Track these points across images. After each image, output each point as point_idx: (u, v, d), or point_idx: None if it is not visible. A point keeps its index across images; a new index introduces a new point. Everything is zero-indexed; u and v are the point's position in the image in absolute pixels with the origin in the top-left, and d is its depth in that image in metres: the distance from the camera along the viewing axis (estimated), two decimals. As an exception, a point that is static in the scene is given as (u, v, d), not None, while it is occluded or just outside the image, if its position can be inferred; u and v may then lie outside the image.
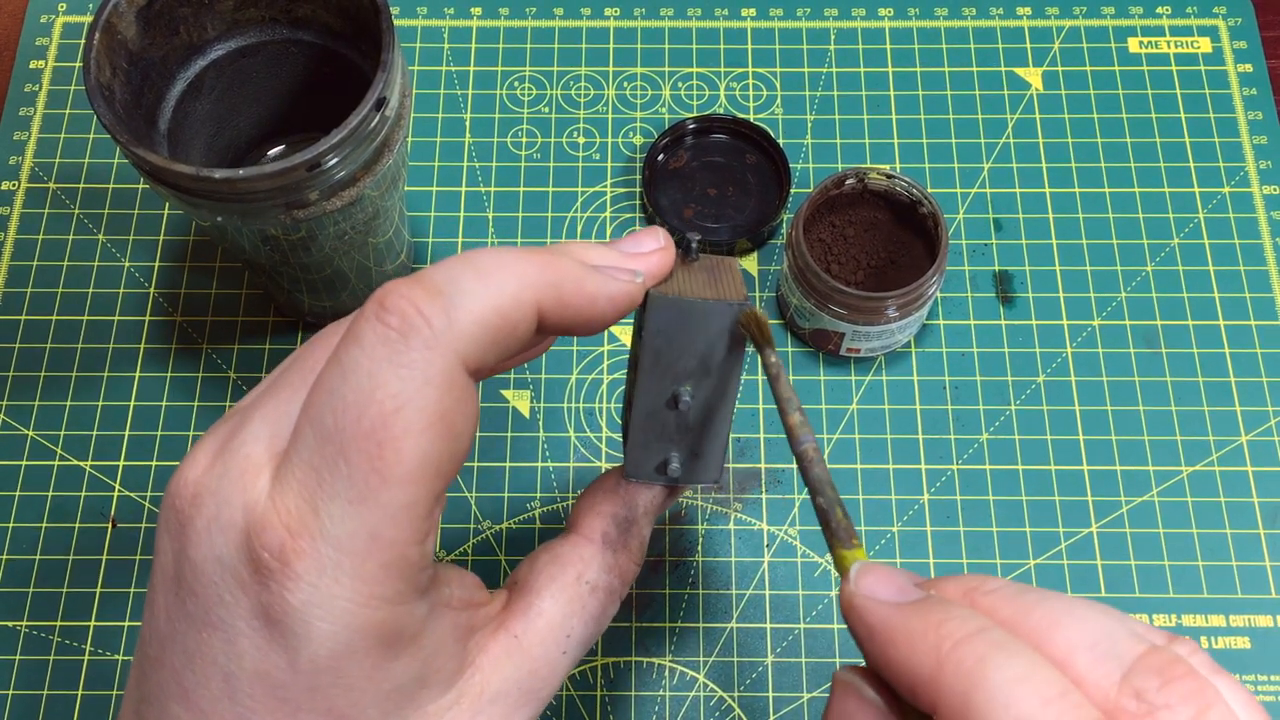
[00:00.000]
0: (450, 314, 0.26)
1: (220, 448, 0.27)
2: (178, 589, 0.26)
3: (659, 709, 0.44)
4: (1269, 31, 0.58)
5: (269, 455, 0.26)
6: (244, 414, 0.27)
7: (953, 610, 0.23)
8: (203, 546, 0.25)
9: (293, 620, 0.24)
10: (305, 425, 0.25)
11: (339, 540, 0.24)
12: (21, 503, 0.48)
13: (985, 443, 0.49)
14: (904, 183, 0.48)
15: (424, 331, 0.25)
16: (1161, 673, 0.22)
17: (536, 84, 0.56)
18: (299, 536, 0.24)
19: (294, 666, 0.25)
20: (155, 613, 0.27)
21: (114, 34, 0.40)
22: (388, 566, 0.25)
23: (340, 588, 0.25)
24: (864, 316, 0.47)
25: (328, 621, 0.25)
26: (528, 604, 0.30)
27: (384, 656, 0.26)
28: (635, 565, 0.33)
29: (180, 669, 0.26)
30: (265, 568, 0.24)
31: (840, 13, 0.58)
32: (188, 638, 0.26)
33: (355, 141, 0.38)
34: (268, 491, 0.25)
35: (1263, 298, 0.51)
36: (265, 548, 0.24)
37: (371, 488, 0.25)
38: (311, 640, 0.25)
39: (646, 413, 0.32)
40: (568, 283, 0.28)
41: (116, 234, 0.53)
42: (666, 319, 0.31)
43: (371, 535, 0.25)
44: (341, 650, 0.25)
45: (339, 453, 0.25)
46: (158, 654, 0.26)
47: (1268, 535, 0.47)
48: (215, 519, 0.25)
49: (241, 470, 0.26)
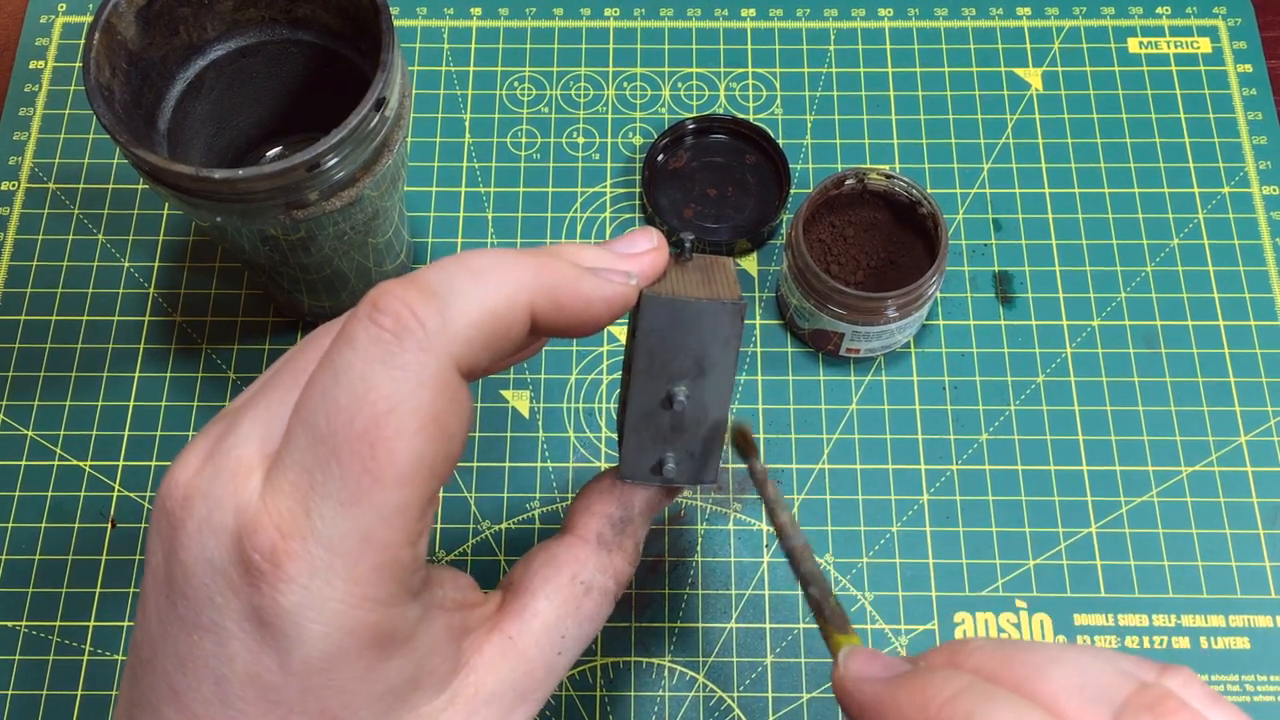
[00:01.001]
0: (444, 315, 0.26)
1: (211, 450, 0.27)
2: (169, 591, 0.26)
3: (658, 709, 0.44)
4: (1269, 31, 0.58)
5: (260, 457, 0.26)
6: (234, 416, 0.27)
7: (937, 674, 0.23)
8: (193, 549, 0.25)
9: (284, 622, 0.24)
10: (297, 426, 0.25)
11: (331, 541, 0.24)
12: (21, 503, 0.48)
13: (985, 443, 0.49)
14: (904, 183, 0.48)
15: (417, 333, 0.25)
16: (1152, 709, 0.22)
17: (536, 84, 0.56)
18: (290, 538, 0.24)
19: (286, 668, 0.25)
20: (146, 615, 0.27)
21: (114, 34, 0.40)
22: (380, 568, 0.25)
23: (332, 589, 0.24)
24: (864, 317, 0.47)
25: (320, 623, 0.24)
26: (522, 605, 0.30)
27: (377, 658, 0.26)
28: (630, 566, 0.33)
29: (172, 672, 0.26)
30: (256, 569, 0.24)
31: (840, 13, 0.58)
32: (179, 640, 0.25)
33: (355, 141, 0.38)
34: (259, 493, 0.25)
35: (1262, 298, 0.51)
36: (256, 549, 0.24)
37: (364, 489, 0.24)
38: (303, 642, 0.25)
39: (641, 413, 0.32)
40: (562, 285, 0.28)
41: (116, 234, 0.53)
42: (660, 318, 0.31)
43: (364, 537, 0.25)
44: (334, 652, 0.25)
45: (331, 454, 0.24)
46: (149, 657, 0.26)
47: (1267, 535, 0.47)
48: (206, 521, 0.25)
49: (232, 472, 0.26)
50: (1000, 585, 0.46)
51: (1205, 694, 0.23)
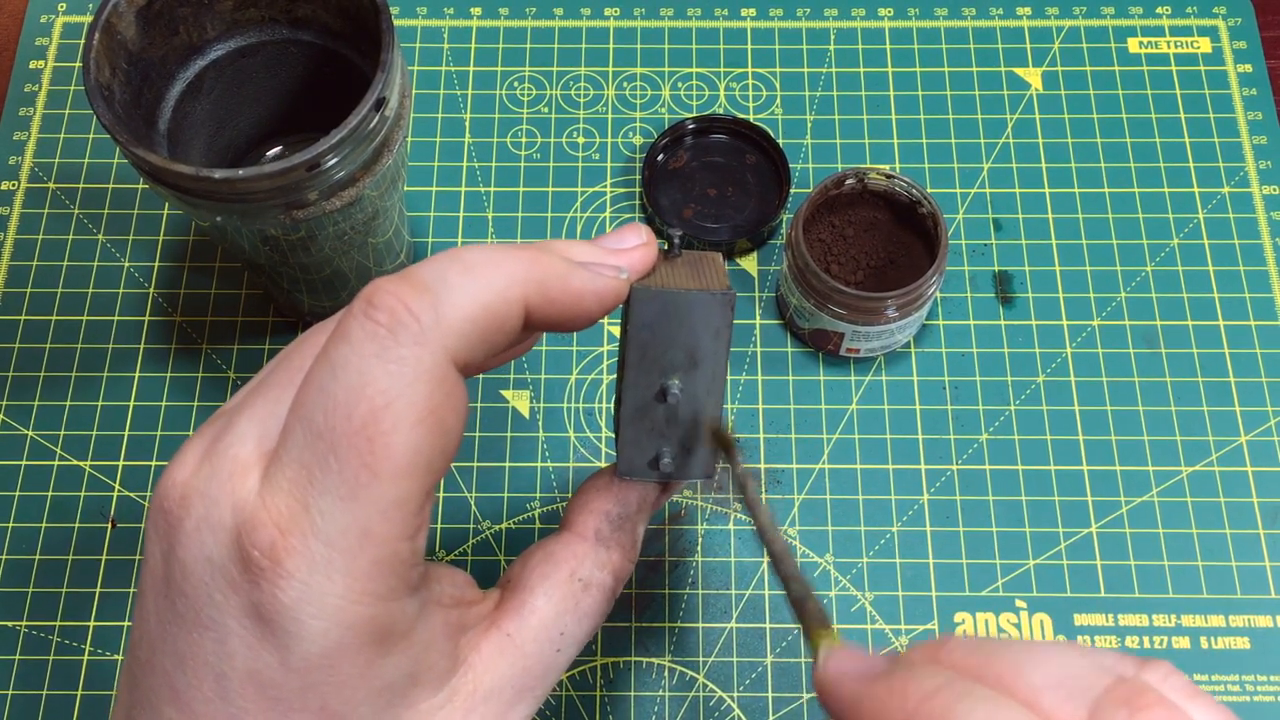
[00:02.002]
0: (438, 310, 0.26)
1: (207, 449, 0.27)
2: (167, 590, 0.26)
3: (658, 709, 0.44)
4: (1269, 31, 0.58)
5: (257, 455, 0.26)
6: (230, 415, 0.27)
7: (917, 671, 0.23)
8: (192, 547, 0.25)
9: (284, 618, 0.24)
10: (295, 423, 0.25)
11: (330, 537, 0.24)
12: (21, 503, 0.48)
13: (985, 443, 0.49)
14: (904, 183, 0.48)
15: (412, 327, 0.25)
16: (1129, 703, 0.22)
17: (536, 84, 0.56)
18: (290, 534, 0.24)
19: (286, 665, 0.25)
20: (145, 615, 0.27)
21: (114, 34, 0.40)
22: (379, 563, 0.25)
23: (332, 584, 0.25)
24: (864, 316, 0.47)
25: (320, 619, 0.25)
26: (520, 601, 0.30)
27: (376, 653, 0.26)
28: (629, 562, 0.33)
29: (171, 671, 0.26)
30: (256, 566, 0.24)
31: (840, 13, 0.58)
32: (178, 639, 0.26)
33: (355, 141, 0.38)
34: (257, 490, 0.25)
35: (1263, 298, 0.51)
36: (256, 546, 0.24)
37: (363, 484, 0.25)
38: (303, 638, 0.25)
39: (636, 408, 0.32)
40: (553, 279, 0.28)
41: (116, 234, 0.53)
42: (651, 311, 0.31)
43: (363, 531, 0.25)
44: (333, 648, 0.25)
45: (330, 449, 0.25)
46: (148, 656, 0.26)
47: (1267, 535, 0.47)
48: (204, 519, 0.25)
49: (230, 471, 0.26)
50: (1000, 585, 0.46)
51: (1185, 687, 0.23)
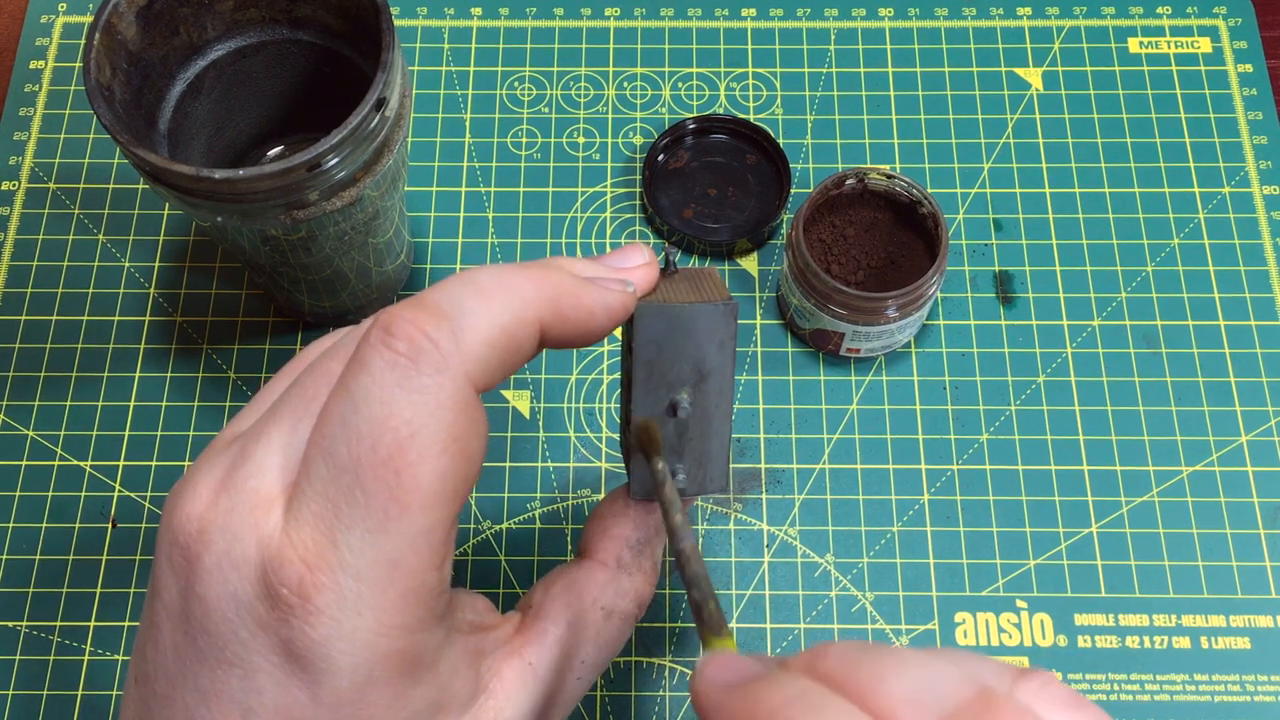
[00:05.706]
0: (457, 335, 0.25)
1: (223, 480, 0.26)
2: (187, 626, 0.25)
3: (659, 709, 0.44)
4: (1269, 31, 0.58)
5: (279, 488, 0.26)
6: (244, 444, 0.27)
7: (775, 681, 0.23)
8: (214, 584, 0.25)
9: (315, 655, 0.24)
10: (316, 457, 0.25)
11: (359, 571, 0.24)
12: (21, 503, 0.48)
13: (985, 443, 0.49)
14: (904, 183, 0.48)
15: (433, 355, 0.25)
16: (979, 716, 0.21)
17: (536, 84, 0.56)
18: (318, 570, 0.24)
19: (316, 700, 0.25)
20: (160, 649, 0.26)
21: (114, 34, 0.40)
22: (408, 594, 0.25)
23: (362, 619, 0.24)
24: (864, 316, 0.47)
25: (350, 654, 0.24)
26: (543, 630, 0.30)
27: (405, 685, 0.26)
28: (651, 586, 0.33)
29: (194, 706, 0.25)
30: (285, 603, 0.24)
31: (840, 13, 0.58)
32: (200, 675, 0.25)
33: (355, 142, 0.38)
34: (281, 525, 0.25)
35: (1263, 298, 0.51)
36: (284, 583, 0.24)
37: (391, 516, 0.24)
38: (334, 673, 0.24)
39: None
40: (565, 296, 0.28)
41: (116, 234, 0.53)
42: (655, 327, 0.31)
43: (392, 564, 0.25)
44: (363, 681, 0.25)
45: (355, 483, 0.24)
46: (167, 692, 0.26)
47: (1268, 535, 0.47)
48: (226, 555, 0.25)
49: (251, 505, 0.25)
50: (1001, 585, 0.46)
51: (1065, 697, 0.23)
